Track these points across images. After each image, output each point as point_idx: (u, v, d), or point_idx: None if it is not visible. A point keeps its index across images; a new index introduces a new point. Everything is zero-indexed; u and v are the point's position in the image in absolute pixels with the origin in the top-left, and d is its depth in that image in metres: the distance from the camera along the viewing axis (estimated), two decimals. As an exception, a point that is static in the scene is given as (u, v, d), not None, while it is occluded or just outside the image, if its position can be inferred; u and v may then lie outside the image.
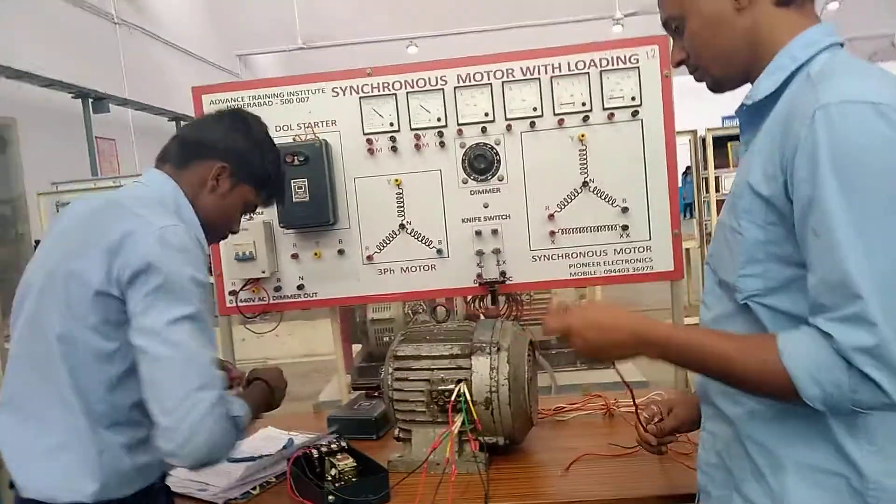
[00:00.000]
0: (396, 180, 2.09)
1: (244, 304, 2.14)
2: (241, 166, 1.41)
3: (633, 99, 2.03)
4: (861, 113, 0.86)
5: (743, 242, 0.98)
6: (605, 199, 2.05)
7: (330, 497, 1.40)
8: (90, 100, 7.27)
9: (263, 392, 1.51)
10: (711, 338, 1.00)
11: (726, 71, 1.07)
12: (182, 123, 8.49)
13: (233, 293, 2.12)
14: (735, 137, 5.80)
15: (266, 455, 1.70)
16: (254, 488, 1.59)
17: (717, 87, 1.10)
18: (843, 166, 0.85)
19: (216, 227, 1.42)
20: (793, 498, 0.95)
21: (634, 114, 2.03)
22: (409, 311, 2.98)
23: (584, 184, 2.05)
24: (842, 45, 1.00)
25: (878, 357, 0.84)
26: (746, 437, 1.02)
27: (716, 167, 5.88)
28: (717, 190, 5.93)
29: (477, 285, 2.10)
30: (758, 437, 1.01)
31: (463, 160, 2.07)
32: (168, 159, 1.40)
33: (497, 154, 2.06)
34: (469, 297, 2.48)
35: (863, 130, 0.85)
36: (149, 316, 1.17)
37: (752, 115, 1.04)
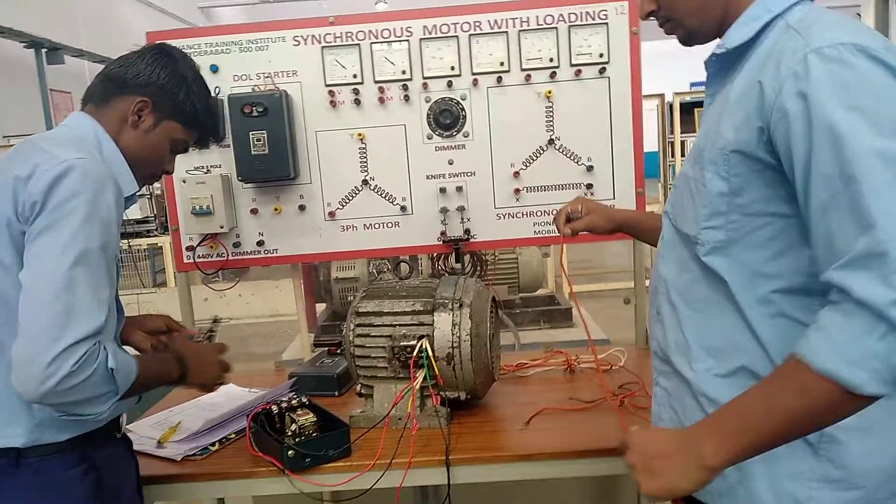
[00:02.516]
0: (359, 134, 2.03)
1: (202, 259, 2.07)
2: (164, 101, 1.34)
3: (600, 56, 1.99)
4: (857, 54, 0.84)
5: (706, 194, 0.97)
6: (570, 157, 2.03)
7: (290, 452, 1.39)
8: (44, 50, 6.93)
9: (167, 363, 1.37)
10: (742, 396, 0.88)
11: (701, 22, 1.04)
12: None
13: (190, 248, 2.06)
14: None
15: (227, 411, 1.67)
16: (213, 444, 1.57)
17: (689, 39, 1.08)
18: (852, 100, 0.82)
19: (143, 166, 1.35)
20: None
21: (602, 71, 2.00)
22: (374, 270, 2.95)
23: (550, 141, 2.02)
24: None
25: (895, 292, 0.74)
26: (701, 394, 1.02)
27: (682, 133, 5.91)
28: (683, 155, 5.98)
29: (441, 243, 2.07)
30: (712, 394, 1.00)
31: (428, 115, 2.02)
32: (90, 98, 1.34)
33: (463, 109, 2.02)
34: (433, 255, 2.46)
35: (864, 67, 0.83)
36: (36, 245, 1.11)
37: (721, 65, 1.02)
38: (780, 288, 0.93)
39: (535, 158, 2.03)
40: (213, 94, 1.45)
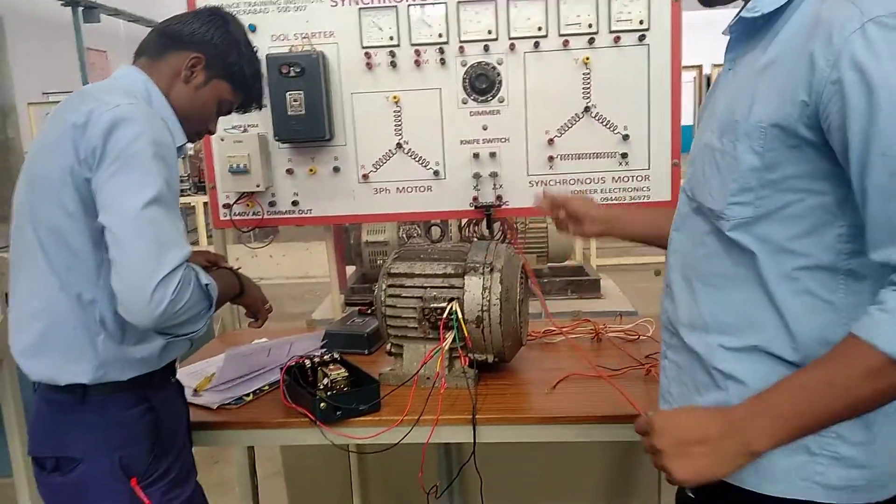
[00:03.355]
0: (395, 97, 2.04)
1: (238, 217, 2.12)
2: (217, 59, 1.38)
3: (640, 23, 1.96)
4: None
5: (737, 168, 0.92)
6: (606, 125, 2.02)
7: (322, 404, 1.43)
8: (80, 8, 6.99)
9: (229, 276, 1.48)
10: (793, 379, 0.86)
11: None
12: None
13: (227, 206, 2.11)
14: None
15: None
16: (247, 395, 1.62)
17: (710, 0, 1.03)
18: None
19: (191, 122, 1.39)
20: None
21: (641, 38, 1.97)
22: (404, 235, 2.97)
23: (586, 109, 2.01)
24: None
25: None
26: (714, 368, 0.99)
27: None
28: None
29: (473, 208, 2.08)
30: (726, 368, 0.97)
31: (464, 79, 2.02)
32: (143, 52, 1.38)
33: (499, 74, 2.01)
34: (463, 222, 2.48)
35: None
36: (109, 189, 1.16)
37: (747, 31, 0.97)
38: (806, 265, 0.90)
39: (570, 126, 2.03)
40: (258, 63, 1.49)
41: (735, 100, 0.95)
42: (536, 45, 1.98)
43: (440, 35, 2.00)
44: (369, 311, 2.06)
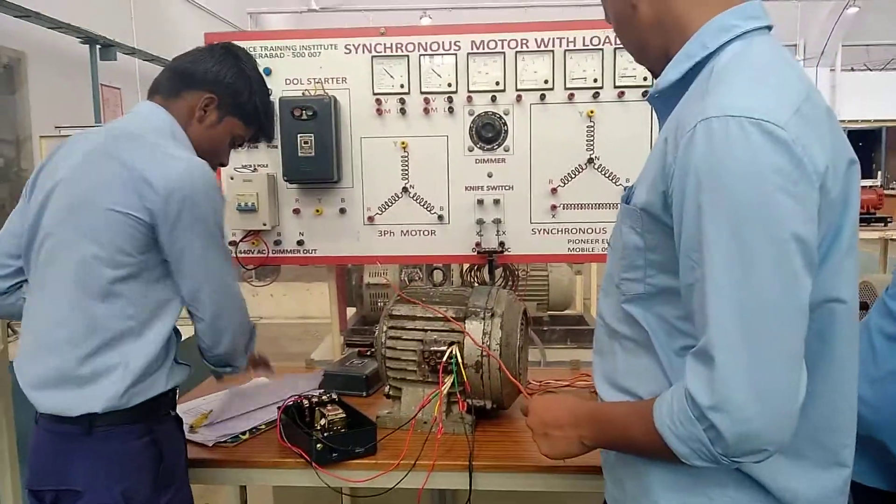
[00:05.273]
0: (403, 143, 2.09)
1: (243, 255, 2.15)
2: (229, 98, 1.44)
3: (644, 79, 2.02)
4: (746, 127, 0.78)
5: (624, 246, 0.96)
6: (608, 176, 2.06)
7: (318, 445, 1.43)
8: (98, 46, 7.18)
9: None
10: (617, 406, 1.00)
11: (644, 62, 1.03)
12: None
13: (233, 243, 2.13)
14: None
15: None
16: (243, 433, 1.62)
17: (652, 73, 1.05)
18: (708, 189, 0.80)
19: (206, 156, 1.42)
20: None
21: (645, 94, 2.03)
22: (406, 278, 2.99)
23: (590, 160, 2.06)
24: (769, 27, 0.92)
25: (716, 398, 0.80)
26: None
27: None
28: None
29: (475, 253, 2.11)
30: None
31: (471, 128, 2.07)
32: (158, 90, 1.43)
33: (505, 124, 2.06)
34: (465, 268, 2.50)
35: (734, 154, 0.78)
36: (191, 254, 1.31)
37: (664, 105, 0.98)
38: (692, 345, 0.88)
39: (573, 176, 2.07)
40: (269, 96, 1.55)
41: (638, 178, 0.98)
42: (542, 97, 2.04)
43: (449, 84, 2.06)
44: (369, 353, 2.06)
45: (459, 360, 1.58)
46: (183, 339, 1.40)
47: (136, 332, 1.28)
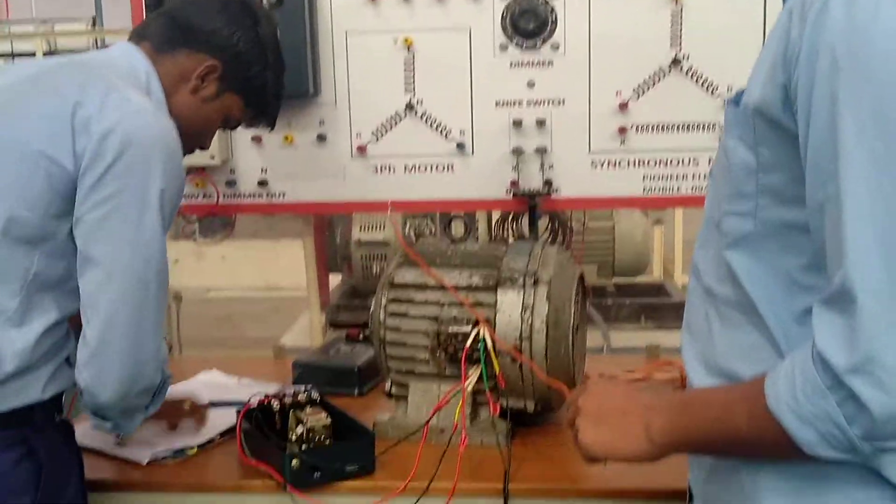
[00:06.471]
0: (406, 40, 2.08)
1: (184, 201, 2.16)
2: (237, 70, 1.53)
3: (754, -59, 1.99)
4: None
5: (730, 168, 0.99)
6: (702, 84, 2.04)
7: (294, 462, 1.46)
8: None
9: None
10: (707, 391, 1.05)
11: None
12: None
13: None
14: None
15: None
16: (191, 447, 1.66)
17: None
18: (847, 72, 0.82)
19: (186, 136, 1.49)
20: None
21: (756, -39, 1.99)
22: (412, 233, 3.01)
23: (675, 62, 2.03)
24: None
25: (858, 355, 0.81)
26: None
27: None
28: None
29: (511, 197, 2.11)
30: None
31: (503, 17, 2.05)
32: (147, 36, 1.51)
33: (553, 11, 2.04)
34: (496, 217, 2.50)
35: (885, 26, 0.81)
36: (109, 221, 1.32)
37: None
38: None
39: (651, 85, 2.05)
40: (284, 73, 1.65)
41: (752, 73, 0.99)
42: (607, -30, 2.02)
43: (472, -46, 2.04)
44: (361, 337, 2.09)
45: (490, 345, 1.60)
46: None
47: (15, 320, 1.33)
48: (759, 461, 0.99)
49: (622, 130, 2.07)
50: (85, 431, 1.66)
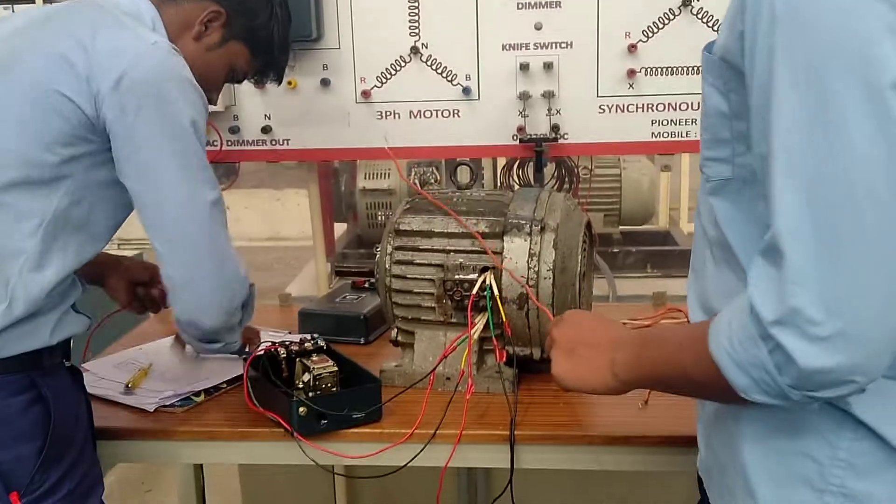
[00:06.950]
0: (411, -19, 2.05)
1: (187, 148, 2.15)
2: (242, 17, 1.55)
3: None
4: None
5: (707, 114, 1.02)
6: (713, 25, 2.01)
7: (301, 409, 1.46)
8: None
9: None
10: (671, 329, 1.09)
11: None
12: None
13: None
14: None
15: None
16: (197, 394, 1.66)
17: None
18: (783, 24, 0.83)
19: None
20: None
21: None
22: (416, 181, 2.99)
23: (685, 2, 2.00)
24: None
25: (783, 308, 0.82)
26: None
27: None
28: None
29: (517, 143, 2.09)
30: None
31: (510, -44, 2.02)
32: None
33: (561, -50, 2.00)
34: (502, 163, 2.49)
35: None
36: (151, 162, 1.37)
37: None
38: None
39: (661, 25, 2.02)
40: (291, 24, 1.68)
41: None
42: None
43: None
44: (367, 285, 2.09)
45: (496, 292, 1.59)
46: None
47: (33, 262, 1.34)
48: (737, 407, 1.00)
49: (631, 73, 2.04)
50: (92, 379, 1.67)
